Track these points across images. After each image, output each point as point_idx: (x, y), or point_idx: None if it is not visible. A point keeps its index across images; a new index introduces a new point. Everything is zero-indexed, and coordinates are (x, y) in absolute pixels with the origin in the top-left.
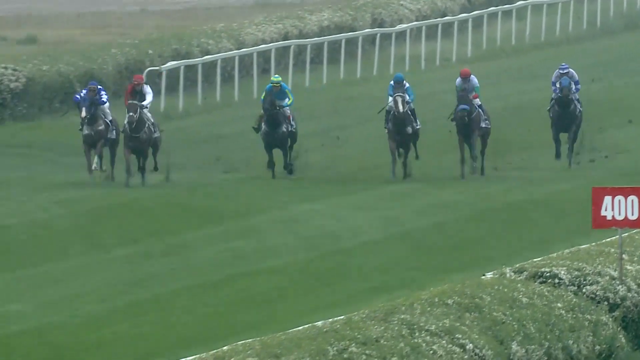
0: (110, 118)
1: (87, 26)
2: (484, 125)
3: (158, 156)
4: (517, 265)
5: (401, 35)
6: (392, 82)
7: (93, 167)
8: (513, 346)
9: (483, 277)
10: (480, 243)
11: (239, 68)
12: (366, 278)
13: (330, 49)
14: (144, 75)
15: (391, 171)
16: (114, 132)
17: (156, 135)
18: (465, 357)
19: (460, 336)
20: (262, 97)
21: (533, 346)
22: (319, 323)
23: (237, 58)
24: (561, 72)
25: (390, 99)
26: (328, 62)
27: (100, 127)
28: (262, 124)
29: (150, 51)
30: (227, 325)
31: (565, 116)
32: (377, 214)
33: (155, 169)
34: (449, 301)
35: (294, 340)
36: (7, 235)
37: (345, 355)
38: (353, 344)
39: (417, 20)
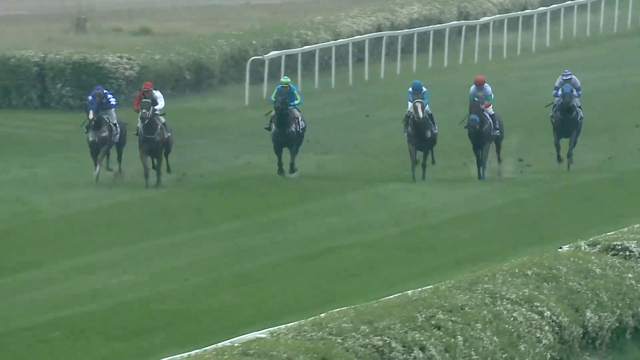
0: (115, 121)
1: (196, 19)
2: (495, 134)
3: (168, 158)
4: (591, 239)
5: (485, 27)
6: (410, 89)
7: (97, 171)
8: (587, 313)
9: (560, 250)
10: (557, 219)
11: (335, 57)
12: (452, 251)
13: (419, 40)
14: (151, 83)
15: (412, 174)
16: (118, 135)
17: (168, 135)
18: (543, 323)
19: (538, 304)
20: (272, 97)
21: (605, 313)
22: (409, 292)
23: (333, 48)
24: (564, 78)
25: (410, 104)
26: (417, 51)
27: (104, 134)
28: (272, 124)
29: (253, 42)
30: (324, 294)
31: (566, 122)
32: (461, 192)
33: (168, 170)
34: (528, 272)
35: (386, 308)
36: (123, 211)
37: (432, 322)
38: (440, 311)
39: (499, 13)
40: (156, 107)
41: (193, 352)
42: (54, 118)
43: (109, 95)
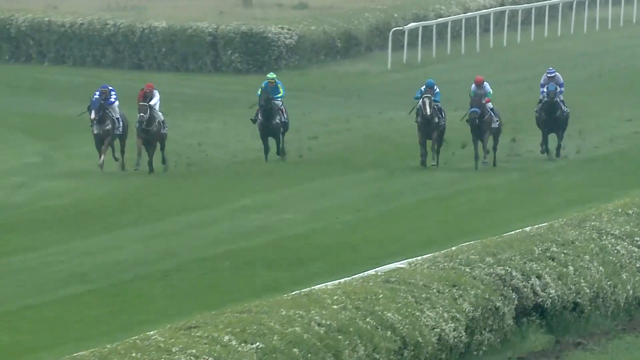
0: (118, 116)
1: None
2: (494, 126)
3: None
4: None
5: (592, 1)
6: (422, 87)
7: (101, 160)
8: None
9: None
10: None
11: (464, 28)
12: (564, 193)
13: (536, 13)
14: (153, 84)
15: (421, 159)
16: (120, 128)
17: (164, 131)
18: None
19: (638, 239)
20: (258, 92)
21: None
22: (527, 229)
23: (463, 20)
24: (549, 75)
25: (420, 100)
26: (535, 23)
27: (107, 127)
28: (258, 115)
29: (395, 15)
30: (455, 230)
31: (551, 121)
32: (572, 142)
33: (163, 161)
34: (630, 211)
35: (507, 242)
36: (281, 160)
37: (547, 254)
38: (554, 245)
39: None
40: (151, 102)
41: (343, 280)
42: (224, 80)
43: (112, 93)
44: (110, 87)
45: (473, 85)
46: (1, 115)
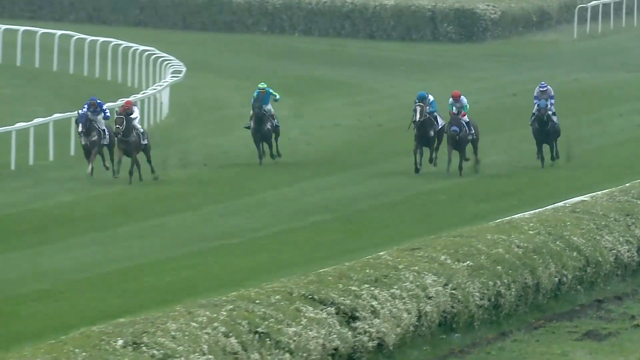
0: (104, 127)
1: None
2: (470, 138)
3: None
4: None
5: None
6: (416, 99)
7: (90, 169)
8: None
9: None
10: None
11: (637, 4)
12: None
13: None
14: (131, 102)
15: (415, 165)
16: (107, 138)
17: (144, 142)
18: None
19: None
20: (252, 101)
21: None
22: None
23: None
24: (541, 89)
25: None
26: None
27: (94, 138)
28: (252, 123)
29: None
30: (631, 168)
31: (543, 133)
32: None
33: (152, 171)
34: None
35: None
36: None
37: None
38: None
39: None
40: (132, 116)
41: (537, 210)
42: (441, 48)
43: (104, 106)
44: (98, 101)
45: (450, 99)
46: (264, 77)
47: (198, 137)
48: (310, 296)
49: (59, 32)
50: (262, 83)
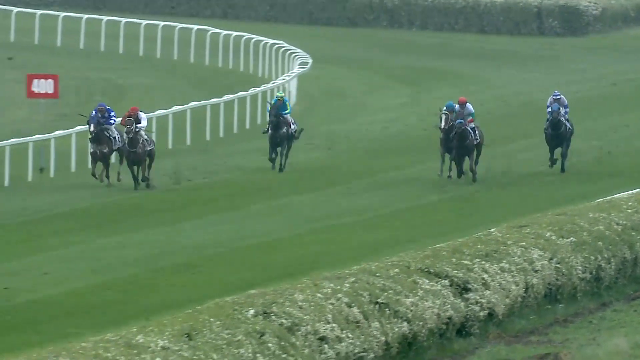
0: (115, 135)
1: None
2: (475, 143)
3: (151, 168)
4: None
5: None
6: (444, 108)
7: (97, 176)
8: None
9: None
10: None
11: None
12: None
13: None
14: (137, 107)
15: (439, 170)
16: (118, 143)
17: (149, 148)
18: None
19: None
20: (268, 108)
21: None
22: None
23: None
24: (554, 98)
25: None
26: None
27: (104, 150)
28: (269, 128)
29: None
30: None
31: (556, 136)
32: None
33: (147, 178)
34: None
35: None
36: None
37: None
38: None
39: None
40: (139, 125)
41: (635, 190)
42: (547, 41)
43: (112, 113)
44: (107, 107)
45: (457, 106)
46: (384, 68)
47: (323, 123)
48: (426, 269)
49: (196, 27)
50: (280, 92)
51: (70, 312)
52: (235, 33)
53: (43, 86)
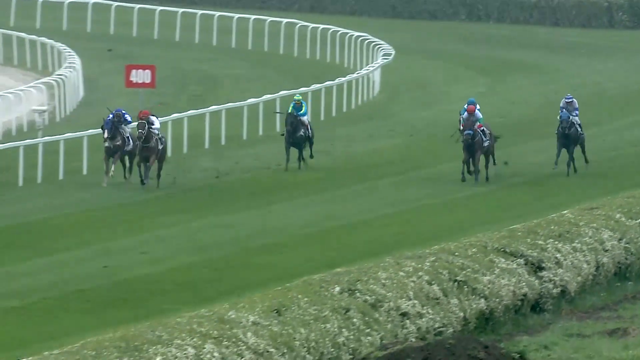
0: (128, 135)
1: None
2: (485, 145)
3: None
4: None
5: None
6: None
7: (110, 174)
8: None
9: None
10: None
11: None
12: None
13: None
14: (148, 111)
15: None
16: (130, 145)
17: (162, 146)
18: None
19: None
20: (289, 109)
21: None
22: None
23: None
24: (567, 101)
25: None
26: None
27: (117, 142)
28: (286, 130)
29: None
30: None
31: (565, 137)
32: None
33: (159, 175)
34: None
35: None
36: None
37: None
38: None
39: None
40: (153, 127)
41: None
42: (616, 34)
43: (128, 117)
44: (123, 111)
45: (465, 114)
46: (462, 59)
47: (404, 111)
48: (502, 249)
49: (285, 20)
50: (298, 95)
51: (166, 289)
52: (322, 26)
53: (141, 76)
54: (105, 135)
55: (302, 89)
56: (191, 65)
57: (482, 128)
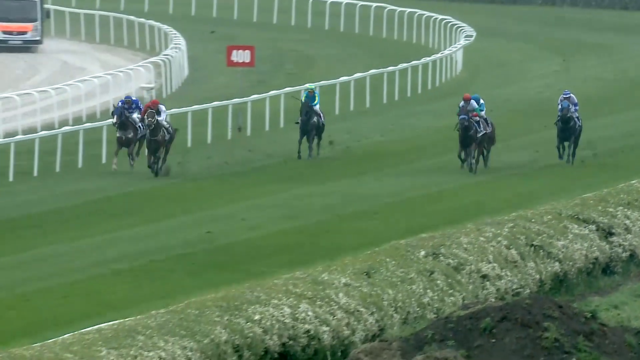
0: (139, 124)
1: None
2: (479, 135)
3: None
4: None
5: None
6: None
7: (114, 166)
8: None
9: None
10: None
11: None
12: None
13: None
14: (158, 100)
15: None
16: (141, 131)
17: (168, 137)
18: None
19: None
20: (302, 99)
21: None
22: None
23: None
24: (564, 96)
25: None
26: None
27: (130, 135)
28: (300, 118)
29: None
30: None
31: (565, 130)
32: None
33: (165, 166)
34: None
35: None
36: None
37: None
38: None
39: None
40: (159, 118)
41: None
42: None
43: (139, 103)
44: (134, 98)
45: (462, 102)
46: (538, 40)
47: (485, 88)
48: (575, 216)
49: (374, 5)
50: (311, 85)
51: (264, 253)
52: (408, 10)
53: (241, 56)
54: (115, 120)
55: (391, 68)
56: (287, 46)
57: (476, 117)
